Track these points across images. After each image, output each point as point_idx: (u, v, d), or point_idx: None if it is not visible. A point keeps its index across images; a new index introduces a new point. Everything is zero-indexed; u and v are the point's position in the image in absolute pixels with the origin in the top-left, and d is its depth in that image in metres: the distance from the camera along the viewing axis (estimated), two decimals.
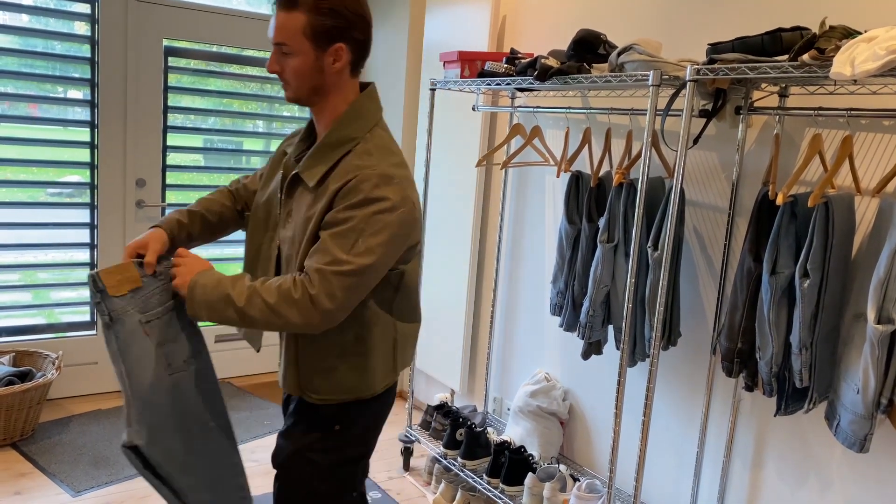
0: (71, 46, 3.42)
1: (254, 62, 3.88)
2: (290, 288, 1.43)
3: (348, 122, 1.52)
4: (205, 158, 3.85)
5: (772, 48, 1.84)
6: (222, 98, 3.83)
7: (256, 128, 3.96)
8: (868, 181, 1.98)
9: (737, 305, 2.01)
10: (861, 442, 1.77)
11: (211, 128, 3.83)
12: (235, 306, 1.45)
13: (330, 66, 1.49)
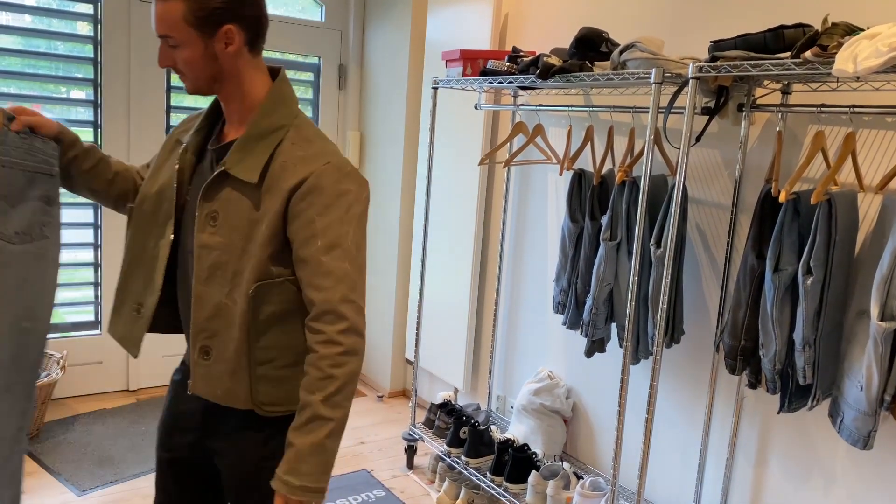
0: (74, 47, 3.43)
1: None
2: (333, 354, 1.34)
3: (272, 109, 1.41)
4: None
5: (774, 45, 1.84)
6: None
7: None
8: (871, 178, 1.98)
9: (740, 303, 2.01)
10: (865, 439, 1.77)
11: None
12: (329, 437, 1.35)
13: (223, 51, 1.36)
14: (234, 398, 1.42)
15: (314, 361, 1.34)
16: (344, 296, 1.35)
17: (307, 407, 1.34)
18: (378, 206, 4.03)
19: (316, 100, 4.10)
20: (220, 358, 1.42)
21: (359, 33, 4.10)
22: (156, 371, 3.85)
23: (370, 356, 4.14)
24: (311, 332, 1.36)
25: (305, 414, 1.34)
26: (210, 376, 1.43)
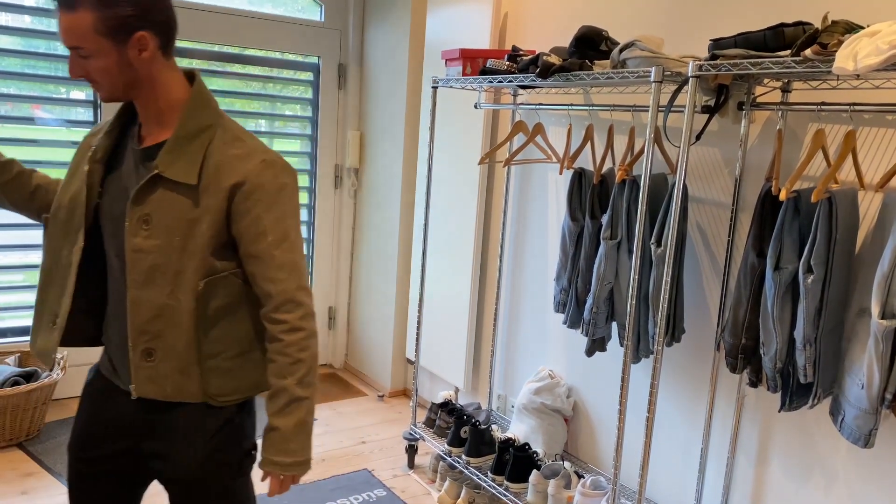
0: None
1: (255, 61, 3.88)
2: (299, 340, 1.43)
3: (198, 109, 1.43)
4: None
5: (774, 43, 1.84)
6: (224, 97, 3.83)
7: (259, 127, 3.97)
8: (871, 176, 1.98)
9: (740, 301, 2.01)
10: (866, 437, 1.77)
11: None
12: (308, 414, 1.46)
13: (137, 57, 1.36)
14: (185, 393, 1.46)
15: (281, 349, 1.43)
16: (298, 285, 1.44)
17: (283, 392, 1.43)
18: (378, 206, 4.03)
19: (316, 100, 4.09)
20: (166, 357, 1.45)
21: (358, 33, 4.10)
22: None
23: (371, 356, 4.14)
24: (272, 323, 1.44)
25: (282, 398, 1.43)
26: (157, 376, 1.45)
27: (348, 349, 4.39)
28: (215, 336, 1.46)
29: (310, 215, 4.22)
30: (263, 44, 3.87)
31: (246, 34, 3.81)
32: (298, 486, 2.92)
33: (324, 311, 4.35)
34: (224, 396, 1.49)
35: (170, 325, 1.44)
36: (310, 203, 4.20)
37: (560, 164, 2.63)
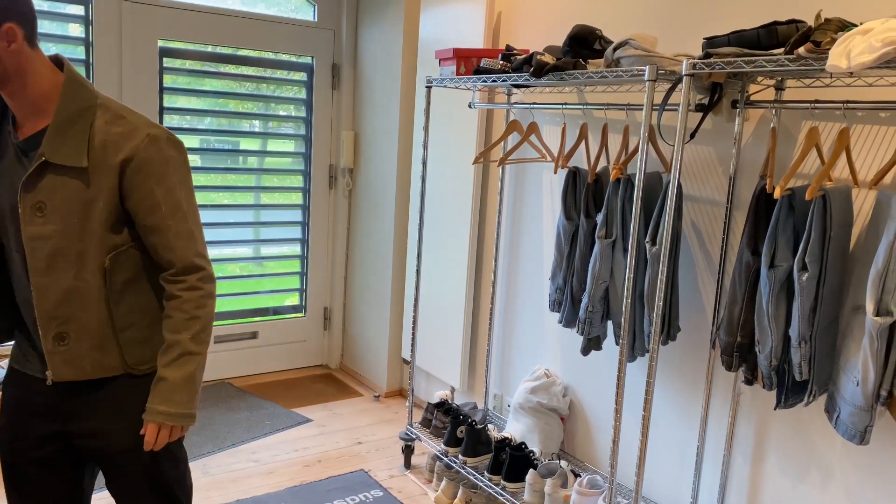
0: (65, 49, 3.41)
1: (249, 62, 3.87)
2: (196, 297, 1.52)
3: (74, 92, 1.45)
4: (202, 159, 3.84)
5: (768, 42, 1.84)
6: (218, 98, 3.82)
7: (253, 127, 3.95)
8: (865, 173, 1.98)
9: (735, 299, 2.01)
10: (861, 434, 1.77)
11: (207, 128, 3.82)
12: (198, 369, 1.53)
13: (6, 49, 1.37)
14: (106, 368, 1.52)
15: (178, 305, 1.50)
16: (196, 251, 1.52)
17: (176, 345, 1.50)
18: (373, 206, 4.02)
19: (310, 100, 4.09)
20: (80, 337, 1.50)
21: (352, 33, 4.09)
22: None
23: (366, 356, 4.13)
24: (172, 284, 1.52)
25: (175, 351, 1.50)
26: (73, 358, 1.50)
27: (344, 349, 4.39)
28: (125, 308, 1.52)
29: (304, 215, 4.21)
30: (257, 44, 3.86)
31: (239, 34, 3.80)
32: (295, 487, 2.92)
33: (319, 311, 4.34)
34: (144, 364, 1.56)
35: (80, 307, 1.48)
36: (304, 203, 4.19)
37: (555, 164, 2.63)
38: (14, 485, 1.61)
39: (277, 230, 4.14)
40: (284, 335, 4.25)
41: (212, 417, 3.54)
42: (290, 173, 4.14)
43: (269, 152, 4.04)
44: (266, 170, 4.03)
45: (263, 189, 4.05)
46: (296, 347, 4.30)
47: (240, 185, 3.97)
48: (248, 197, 4.01)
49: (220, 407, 3.68)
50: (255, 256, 4.10)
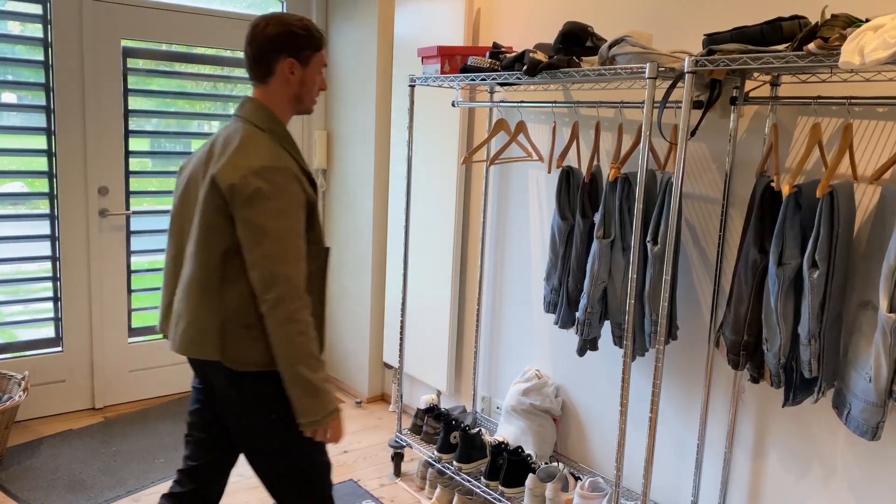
0: (22, 50, 3.24)
1: (217, 61, 3.74)
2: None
3: None
4: (169, 162, 3.70)
5: (772, 38, 1.83)
6: (185, 100, 3.68)
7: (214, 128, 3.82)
8: (862, 168, 1.99)
9: (742, 298, 1.99)
10: (873, 430, 1.77)
11: (175, 131, 3.68)
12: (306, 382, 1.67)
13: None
14: None
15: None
16: None
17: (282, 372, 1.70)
18: (349, 207, 3.93)
19: None
20: None
21: (323, 29, 3.99)
22: (122, 387, 3.69)
23: (347, 362, 4.05)
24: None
25: (284, 377, 1.68)
26: None
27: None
28: None
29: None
30: (225, 43, 3.73)
31: (207, 33, 3.67)
32: None
33: None
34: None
35: None
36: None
37: (548, 163, 2.59)
38: None
39: None
40: None
41: None
42: None
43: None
44: None
45: None
46: None
47: None
48: None
49: None
50: None
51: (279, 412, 1.74)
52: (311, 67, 1.79)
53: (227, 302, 1.67)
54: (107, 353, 3.61)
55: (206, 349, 1.69)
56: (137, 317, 3.71)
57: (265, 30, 1.73)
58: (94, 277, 3.51)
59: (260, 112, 1.76)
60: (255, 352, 1.68)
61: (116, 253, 3.57)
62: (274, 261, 1.61)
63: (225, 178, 1.64)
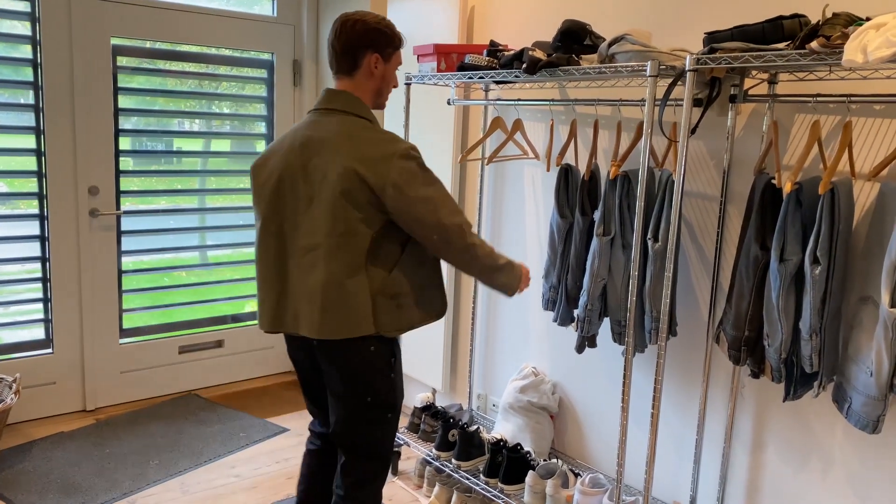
0: (10, 48, 3.20)
1: (208, 59, 3.71)
2: None
3: None
4: (160, 161, 3.67)
5: (773, 36, 1.84)
6: (177, 98, 3.65)
7: (223, 127, 3.79)
8: (860, 165, 2.01)
9: (743, 294, 2.01)
10: (874, 423, 1.80)
11: (167, 129, 3.65)
12: (486, 271, 1.97)
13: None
14: None
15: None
16: None
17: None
18: None
19: (270, 97, 3.95)
20: None
21: (313, 28, 3.97)
22: (114, 389, 3.66)
23: None
24: None
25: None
26: None
27: None
28: None
29: None
30: (215, 40, 3.70)
31: (196, 31, 3.64)
32: (282, 502, 2.81)
33: None
34: None
35: None
36: None
37: (547, 161, 2.59)
38: None
39: (240, 233, 3.99)
40: (251, 342, 4.11)
41: (183, 432, 3.39)
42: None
43: (230, 153, 3.88)
44: (227, 171, 3.88)
45: (226, 192, 3.89)
46: (263, 354, 4.16)
47: (205, 189, 3.81)
48: (212, 200, 3.86)
49: (190, 420, 3.53)
50: (221, 262, 3.95)
51: (393, 366, 1.96)
52: (391, 64, 1.97)
53: (373, 281, 1.83)
54: (98, 354, 3.57)
55: (362, 327, 1.84)
56: (129, 318, 3.68)
57: (354, 26, 1.88)
58: (84, 278, 3.47)
59: (355, 102, 1.91)
60: (396, 318, 1.89)
61: (107, 253, 3.53)
62: (450, 216, 1.84)
63: (376, 173, 1.78)
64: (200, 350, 3.92)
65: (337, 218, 1.80)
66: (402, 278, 1.87)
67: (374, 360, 1.90)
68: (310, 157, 1.84)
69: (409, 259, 1.90)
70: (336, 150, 1.81)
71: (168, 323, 3.82)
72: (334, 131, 1.84)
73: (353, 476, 2.01)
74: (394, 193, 1.78)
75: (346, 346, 1.87)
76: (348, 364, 1.89)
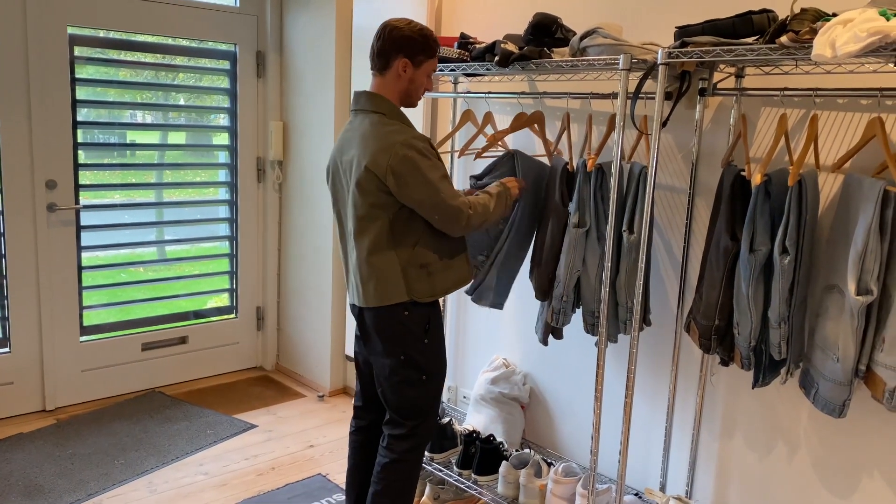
0: None
1: (168, 50, 3.63)
2: None
3: None
4: (119, 155, 3.58)
5: (743, 30, 1.88)
6: (136, 90, 3.56)
7: (172, 119, 3.72)
8: (824, 157, 2.07)
9: (713, 284, 2.05)
10: (840, 408, 1.85)
11: (130, 122, 3.56)
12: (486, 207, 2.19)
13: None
14: None
15: None
16: None
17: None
18: (307, 199, 3.88)
19: (233, 89, 3.88)
20: None
21: (276, 18, 3.91)
22: (75, 388, 3.57)
23: (307, 355, 4.00)
24: None
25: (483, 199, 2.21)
26: None
27: (280, 350, 4.23)
28: None
29: (232, 211, 4.01)
30: (176, 31, 3.62)
31: (156, 20, 3.55)
32: (253, 499, 2.79)
33: (251, 311, 4.16)
34: None
35: None
36: (231, 199, 3.99)
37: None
38: None
39: (203, 228, 3.92)
40: (216, 338, 4.05)
41: (148, 430, 3.33)
42: (215, 167, 3.93)
43: (191, 145, 3.81)
44: (188, 164, 3.81)
45: (188, 185, 3.82)
46: (228, 350, 4.11)
47: (164, 182, 3.74)
48: (170, 193, 3.78)
49: (155, 418, 3.46)
50: (184, 257, 3.88)
51: (427, 332, 2.18)
52: (420, 70, 2.13)
53: (401, 256, 2.08)
54: (57, 352, 3.48)
55: (398, 294, 2.10)
56: (89, 315, 3.59)
57: (391, 32, 2.08)
58: (42, 275, 3.37)
59: (376, 100, 2.11)
60: (429, 284, 2.12)
61: (66, 249, 3.44)
62: (449, 199, 2.05)
63: (379, 163, 2.00)
64: (164, 347, 3.85)
65: (357, 205, 2.07)
66: (427, 251, 2.11)
67: (409, 323, 2.14)
68: (343, 154, 2.13)
69: (432, 232, 2.12)
70: (355, 147, 2.08)
71: (130, 320, 3.74)
72: (357, 130, 2.11)
73: (395, 430, 2.23)
74: (395, 180, 2.00)
75: (385, 312, 2.12)
76: (387, 327, 2.14)
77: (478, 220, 2.13)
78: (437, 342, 2.22)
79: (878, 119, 1.81)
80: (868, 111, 1.97)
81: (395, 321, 2.13)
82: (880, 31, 1.55)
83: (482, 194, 2.20)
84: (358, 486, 2.41)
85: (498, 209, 2.20)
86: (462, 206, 2.08)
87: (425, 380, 2.20)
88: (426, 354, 2.19)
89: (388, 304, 2.12)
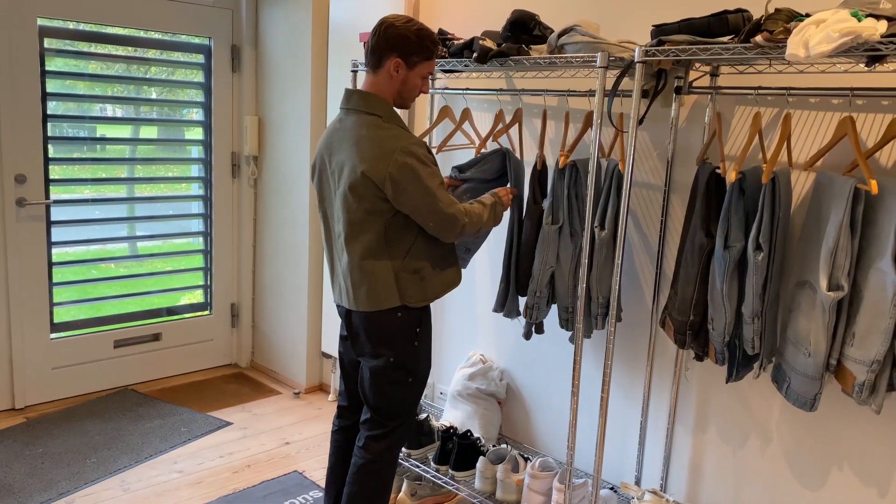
0: None
1: (141, 43, 3.58)
2: None
3: None
4: (88, 149, 3.52)
5: (718, 30, 1.90)
6: (107, 83, 3.51)
7: (143, 113, 3.67)
8: (796, 155, 2.10)
9: (689, 280, 2.08)
10: (811, 402, 1.89)
11: (101, 116, 3.51)
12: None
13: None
14: None
15: None
16: None
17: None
18: (282, 195, 3.85)
19: (208, 83, 3.84)
20: None
21: (252, 12, 3.87)
22: (45, 386, 3.51)
23: (282, 352, 3.98)
24: None
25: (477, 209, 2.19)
26: None
27: (254, 347, 4.20)
28: None
29: (206, 207, 3.97)
30: (149, 23, 3.57)
31: (130, 13, 3.50)
32: (228, 496, 2.77)
33: (226, 308, 4.13)
34: None
35: None
36: (205, 194, 3.95)
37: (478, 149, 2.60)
38: None
39: (176, 224, 3.88)
40: (189, 335, 4.00)
41: (121, 428, 3.29)
42: (188, 162, 3.88)
43: (165, 140, 3.77)
44: (162, 159, 3.76)
45: (160, 180, 3.77)
46: (202, 347, 4.07)
47: (136, 177, 3.69)
48: (142, 189, 3.73)
49: (128, 416, 3.42)
50: (157, 253, 3.83)
51: (418, 335, 2.15)
52: (414, 72, 2.06)
53: (394, 261, 2.04)
54: (27, 350, 3.42)
55: (391, 299, 2.06)
56: (60, 311, 3.53)
57: (387, 29, 2.01)
58: (11, 271, 3.31)
59: (369, 99, 2.04)
60: (421, 289, 2.10)
61: (36, 244, 3.38)
62: (445, 207, 2.02)
63: (378, 169, 1.95)
64: (137, 344, 3.80)
65: (350, 210, 2.02)
66: (420, 256, 2.08)
67: (401, 325, 2.11)
68: (332, 154, 2.07)
69: (425, 238, 2.09)
70: (348, 149, 2.01)
71: (102, 316, 3.69)
72: (349, 131, 2.03)
73: (373, 430, 2.21)
74: (393, 187, 1.96)
75: (376, 316, 2.09)
76: (377, 330, 2.11)
77: (472, 228, 2.11)
78: (426, 345, 2.21)
79: (849, 118, 1.85)
80: (839, 110, 2.01)
81: (386, 323, 2.10)
82: (852, 31, 1.57)
83: (476, 203, 2.17)
84: (338, 485, 2.39)
85: (490, 220, 2.19)
86: (458, 214, 2.05)
87: (412, 382, 2.19)
88: (415, 357, 2.17)
89: (381, 309, 2.09)
